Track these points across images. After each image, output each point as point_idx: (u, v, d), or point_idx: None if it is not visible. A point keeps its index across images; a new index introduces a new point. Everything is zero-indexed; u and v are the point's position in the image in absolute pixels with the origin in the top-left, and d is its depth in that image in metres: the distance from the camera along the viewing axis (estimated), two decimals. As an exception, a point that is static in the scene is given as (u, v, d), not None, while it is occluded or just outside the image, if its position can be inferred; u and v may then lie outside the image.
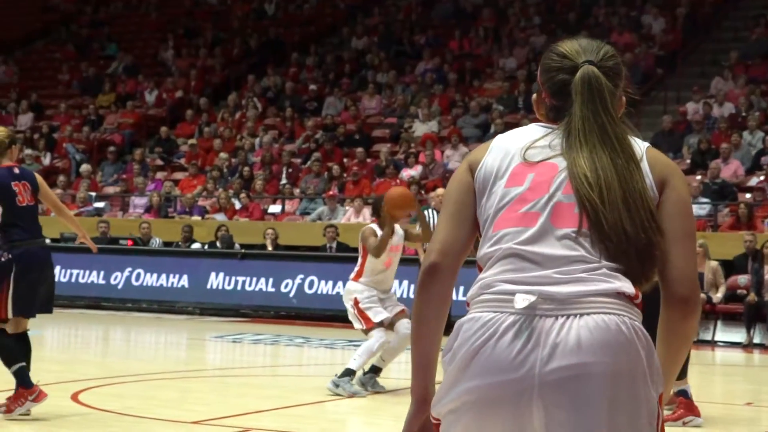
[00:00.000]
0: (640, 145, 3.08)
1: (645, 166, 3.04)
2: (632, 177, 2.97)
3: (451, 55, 28.83)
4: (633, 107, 3.34)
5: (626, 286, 2.90)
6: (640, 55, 26.49)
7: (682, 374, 9.24)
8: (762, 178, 20.65)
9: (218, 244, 21.66)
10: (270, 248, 21.16)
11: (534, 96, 3.26)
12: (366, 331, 10.75)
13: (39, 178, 9.45)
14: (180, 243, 22.13)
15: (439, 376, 3.01)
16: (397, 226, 10.90)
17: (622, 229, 2.91)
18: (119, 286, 21.47)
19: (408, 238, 11.17)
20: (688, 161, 21.76)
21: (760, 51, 25.73)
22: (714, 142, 21.96)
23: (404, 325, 10.64)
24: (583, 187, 2.95)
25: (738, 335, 17.61)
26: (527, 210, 2.99)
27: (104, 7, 37.88)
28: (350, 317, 10.93)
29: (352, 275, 11.00)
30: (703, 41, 28.02)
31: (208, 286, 20.87)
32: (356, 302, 10.77)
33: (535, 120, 3.24)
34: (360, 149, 24.61)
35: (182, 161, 26.91)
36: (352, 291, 10.86)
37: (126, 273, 21.47)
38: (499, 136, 3.19)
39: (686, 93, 24.89)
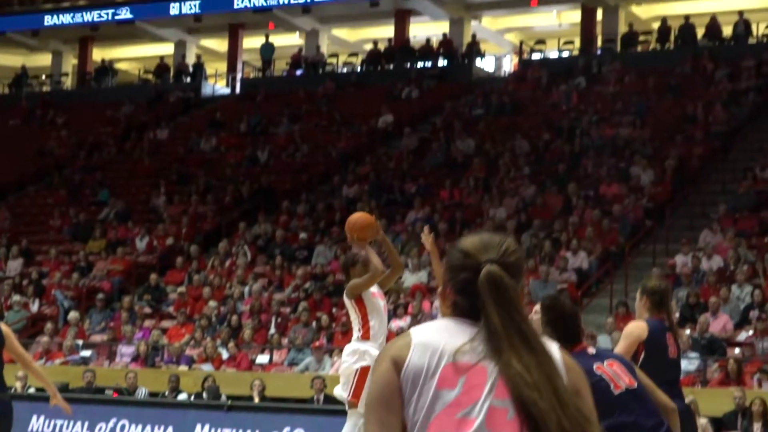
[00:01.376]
0: (550, 345, 3.15)
1: (561, 366, 3.09)
2: (558, 376, 3.04)
3: (441, 205, 29.00)
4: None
5: None
6: (629, 207, 26.66)
7: None
8: (751, 333, 20.60)
9: (204, 395, 21.47)
10: (257, 400, 20.97)
11: (439, 289, 3.35)
12: (351, 404, 9.53)
13: (6, 330, 9.26)
14: (166, 393, 21.94)
15: None
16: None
17: (561, 428, 2.93)
18: (103, 438, 21.18)
19: (375, 276, 9.76)
20: (677, 315, 21.71)
21: (747, 204, 25.90)
22: (703, 295, 21.96)
23: None
24: (520, 390, 2.99)
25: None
26: (463, 415, 2.99)
27: (98, 152, 38.22)
28: (342, 379, 9.71)
29: (358, 335, 9.69)
30: (691, 193, 28.24)
31: (194, 438, 20.60)
32: (365, 371, 9.29)
33: None
34: (349, 300, 24.50)
35: (171, 309, 26.83)
36: (365, 353, 9.46)
37: (111, 424, 21.17)
38: (416, 331, 3.19)
39: (675, 245, 24.95)
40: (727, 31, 36.48)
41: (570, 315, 6.40)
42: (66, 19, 43.94)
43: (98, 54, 46.77)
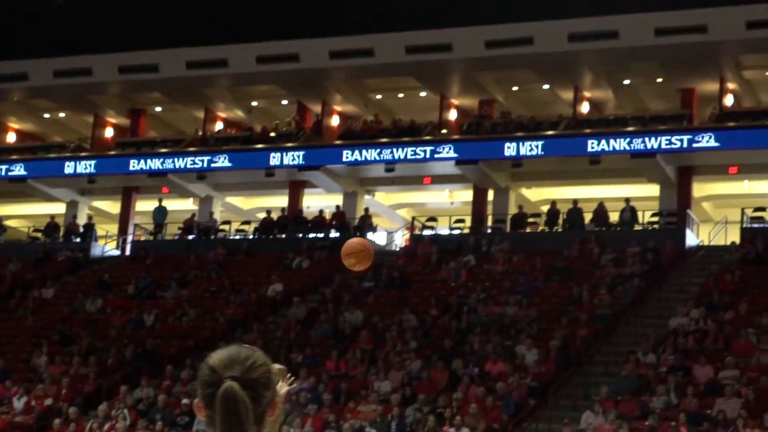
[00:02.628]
0: None
1: None
2: None
3: (327, 375, 28.85)
4: None
5: None
6: (513, 385, 26.78)
7: None
8: None
9: None
10: None
11: (196, 401, 3.48)
12: None
13: None
14: None
15: None
16: None
17: None
18: None
19: None
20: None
21: (629, 387, 26.18)
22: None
23: None
24: None
25: None
26: None
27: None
28: None
29: None
30: (574, 374, 28.49)
31: None
32: None
33: None
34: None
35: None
36: None
37: None
38: None
39: (557, 425, 25.05)
40: (614, 216, 37.43)
41: None
42: (-43, 173, 43.58)
43: (-12, 210, 46.37)
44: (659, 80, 40.46)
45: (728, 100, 40.35)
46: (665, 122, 38.81)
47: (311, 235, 39.86)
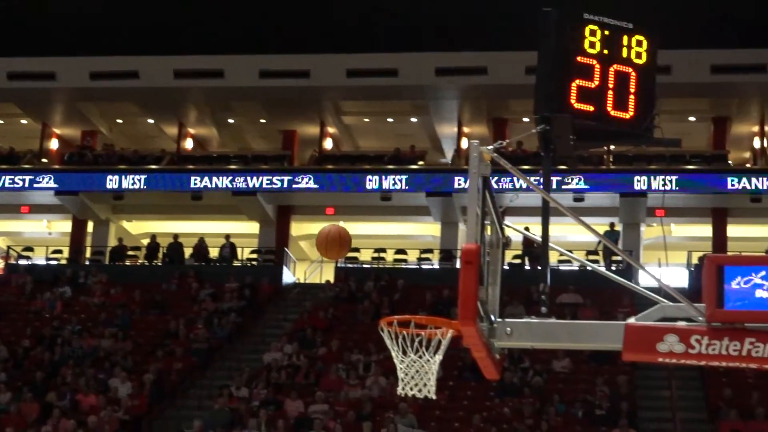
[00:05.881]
0: None
1: None
2: None
3: None
4: None
5: None
6: (105, 418, 26.49)
7: None
8: None
9: None
10: None
11: None
12: None
13: None
14: None
15: None
16: None
17: None
18: None
19: None
20: None
21: (221, 420, 26.38)
22: None
23: None
24: None
25: None
26: None
27: None
28: None
29: None
30: (168, 408, 28.51)
31: None
32: None
33: None
34: None
35: None
36: None
37: None
38: None
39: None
40: (214, 252, 37.82)
41: None
42: None
43: None
44: (262, 121, 41.38)
45: (328, 144, 41.82)
46: (267, 162, 39.73)
47: None
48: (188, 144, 42.49)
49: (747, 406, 25.33)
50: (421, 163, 39.34)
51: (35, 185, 38.44)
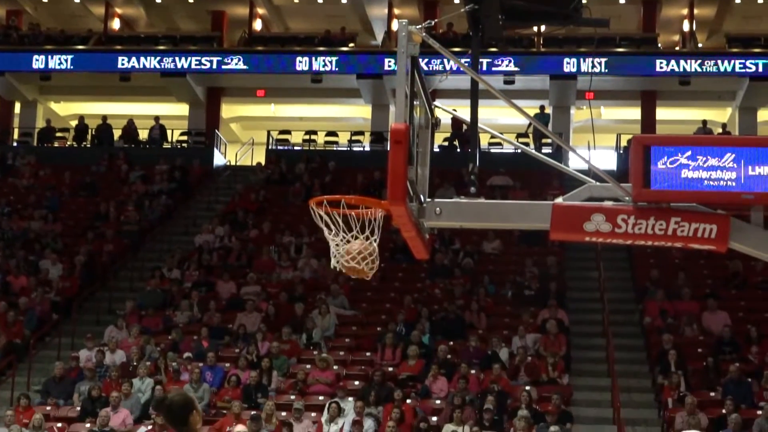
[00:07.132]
0: None
1: None
2: None
3: None
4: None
5: None
6: (36, 299, 26.48)
7: None
8: (150, 427, 21.03)
9: None
10: None
11: None
12: None
13: None
14: None
15: None
16: None
17: None
18: None
19: None
20: (78, 408, 21.79)
21: (153, 302, 26.53)
22: (105, 389, 22.15)
23: None
24: None
25: None
26: None
27: None
28: None
29: None
30: (99, 289, 28.53)
31: None
32: None
33: None
34: None
35: None
36: None
37: None
38: None
39: (80, 340, 25.08)
40: (144, 134, 37.54)
41: None
42: None
43: None
44: (191, 0, 40.78)
45: (257, 25, 41.39)
46: (196, 43, 39.26)
47: None
48: (115, 24, 41.83)
49: (674, 287, 25.82)
50: (351, 45, 39.09)
51: (-41, 65, 37.81)
